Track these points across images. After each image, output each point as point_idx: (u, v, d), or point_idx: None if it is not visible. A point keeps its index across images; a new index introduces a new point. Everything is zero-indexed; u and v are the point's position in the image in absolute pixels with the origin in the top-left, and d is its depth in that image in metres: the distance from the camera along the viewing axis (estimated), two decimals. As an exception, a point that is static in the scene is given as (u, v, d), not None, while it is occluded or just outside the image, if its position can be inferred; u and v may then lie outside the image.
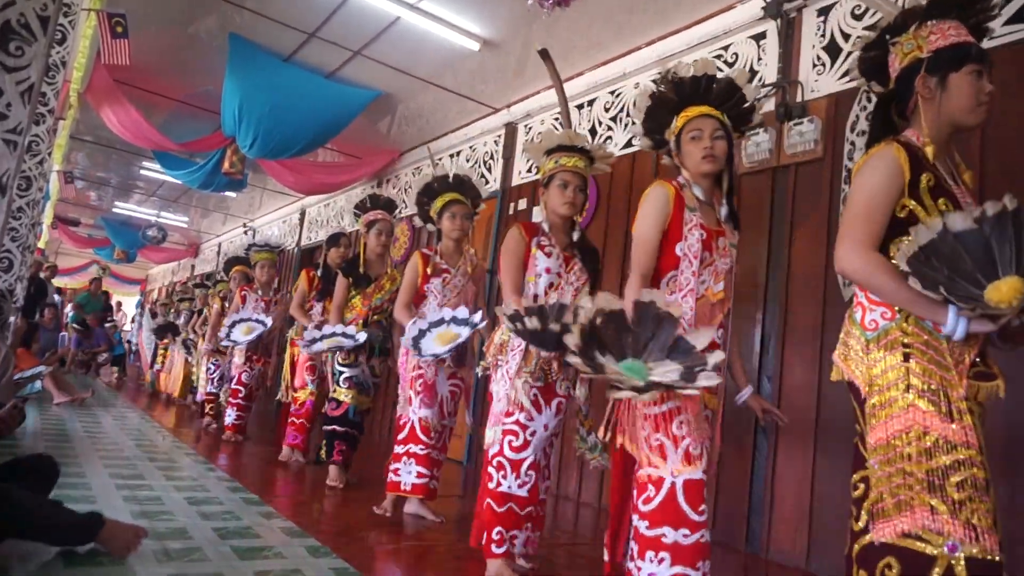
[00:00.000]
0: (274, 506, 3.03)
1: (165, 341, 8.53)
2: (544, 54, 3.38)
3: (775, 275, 3.21)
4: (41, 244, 8.47)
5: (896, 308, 1.38)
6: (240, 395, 5.09)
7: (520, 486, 2.24)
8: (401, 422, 3.09)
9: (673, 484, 1.70)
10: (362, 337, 3.58)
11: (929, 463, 1.26)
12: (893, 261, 1.34)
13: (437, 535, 2.86)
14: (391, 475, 3.05)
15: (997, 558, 1.20)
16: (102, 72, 5.40)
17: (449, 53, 4.83)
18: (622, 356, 1.66)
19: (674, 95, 1.92)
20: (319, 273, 4.66)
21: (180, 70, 5.87)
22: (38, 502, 2.05)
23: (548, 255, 2.38)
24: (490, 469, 2.26)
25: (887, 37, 1.58)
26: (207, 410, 5.86)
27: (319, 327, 3.93)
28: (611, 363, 1.64)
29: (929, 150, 1.44)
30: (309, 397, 4.41)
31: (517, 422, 2.26)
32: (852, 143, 2.92)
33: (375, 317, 3.81)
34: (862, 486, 1.42)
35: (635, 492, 1.79)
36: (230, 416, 5.08)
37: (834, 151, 3.05)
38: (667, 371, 1.61)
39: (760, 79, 3.46)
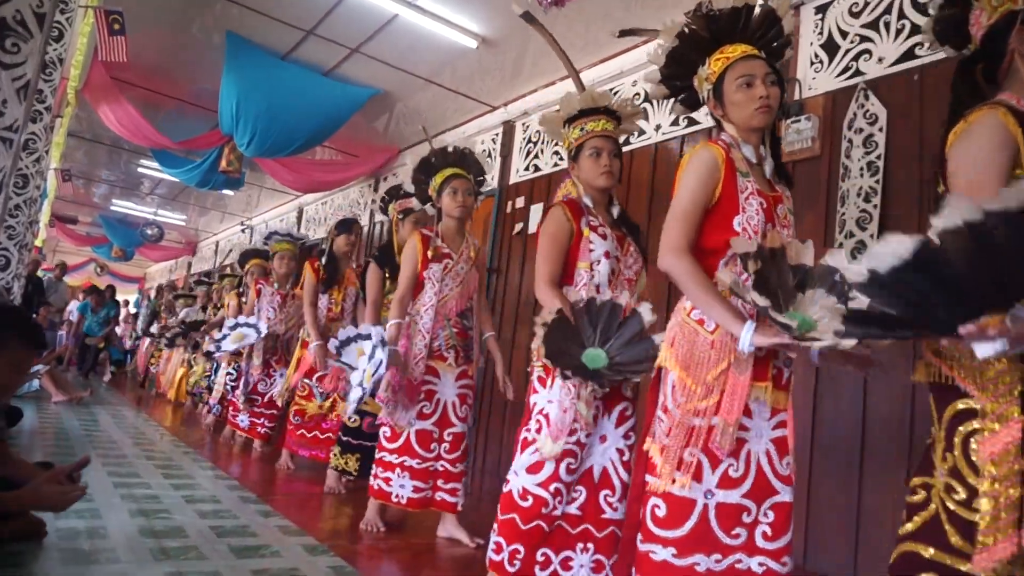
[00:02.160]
0: (272, 504, 3.03)
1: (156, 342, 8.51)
2: (528, 17, 3.28)
3: (773, 273, 3.20)
4: (39, 242, 8.44)
5: None
6: (259, 403, 4.66)
7: (570, 503, 1.93)
8: (386, 426, 2.78)
9: (705, 506, 1.49)
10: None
11: None
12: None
13: (435, 534, 2.86)
14: (380, 482, 2.72)
15: None
16: (100, 69, 5.40)
17: (447, 51, 4.83)
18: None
19: (707, 32, 1.62)
20: (323, 262, 4.13)
21: (177, 68, 5.86)
22: None
23: (604, 237, 1.99)
24: (543, 493, 1.89)
25: None
26: (229, 415, 5.07)
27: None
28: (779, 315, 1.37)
29: None
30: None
31: (578, 442, 1.90)
32: (850, 140, 2.92)
33: None
34: (923, 492, 1.31)
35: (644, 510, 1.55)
36: (247, 422, 4.67)
37: (832, 149, 3.04)
38: (824, 306, 1.41)
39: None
